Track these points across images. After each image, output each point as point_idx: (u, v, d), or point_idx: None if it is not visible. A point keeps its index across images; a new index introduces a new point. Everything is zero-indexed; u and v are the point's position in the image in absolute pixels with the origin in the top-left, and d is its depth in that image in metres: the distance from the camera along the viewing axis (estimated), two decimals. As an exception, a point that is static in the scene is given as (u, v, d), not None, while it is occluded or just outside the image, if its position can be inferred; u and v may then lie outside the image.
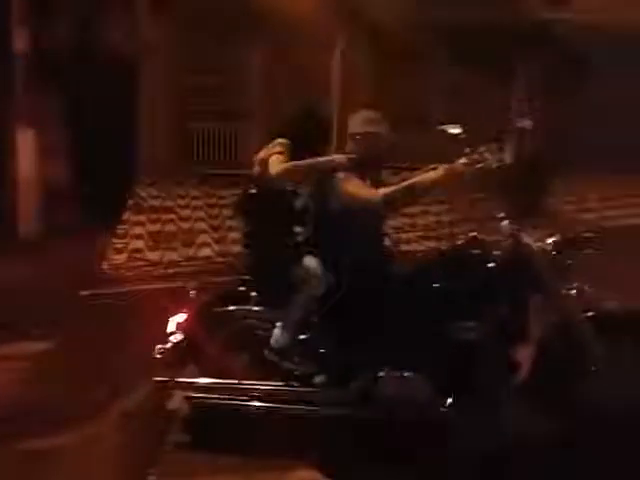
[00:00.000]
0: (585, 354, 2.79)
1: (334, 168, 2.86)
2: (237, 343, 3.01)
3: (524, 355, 2.84)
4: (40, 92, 6.71)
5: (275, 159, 2.90)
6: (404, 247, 6.03)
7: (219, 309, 3.05)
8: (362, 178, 2.90)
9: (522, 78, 10.63)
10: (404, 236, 6.76)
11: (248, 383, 2.93)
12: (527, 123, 2.98)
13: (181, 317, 3.05)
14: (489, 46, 9.29)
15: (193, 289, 3.17)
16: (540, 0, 9.27)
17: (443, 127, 2.84)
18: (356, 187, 2.82)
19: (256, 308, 3.02)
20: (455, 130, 2.81)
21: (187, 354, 3.01)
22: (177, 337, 3.01)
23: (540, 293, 2.78)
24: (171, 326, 3.05)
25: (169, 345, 3.00)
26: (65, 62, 7.68)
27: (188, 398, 2.97)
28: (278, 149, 2.93)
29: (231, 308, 3.04)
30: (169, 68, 9.04)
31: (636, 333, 2.86)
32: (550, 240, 2.79)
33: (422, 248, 6.33)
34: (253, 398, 2.91)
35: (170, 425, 3.02)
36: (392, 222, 4.19)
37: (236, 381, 2.94)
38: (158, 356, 3.00)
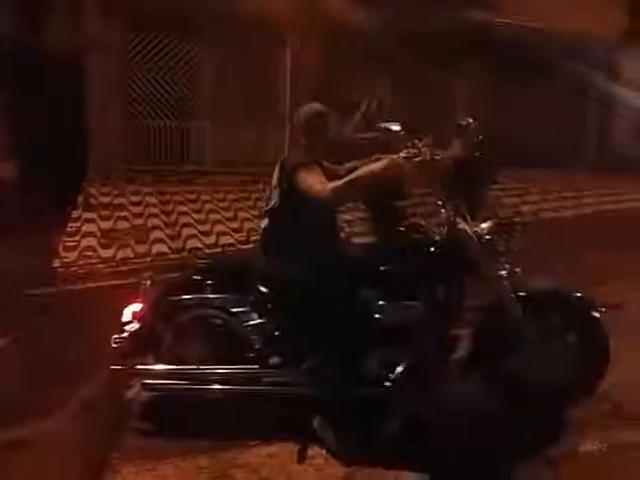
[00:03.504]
0: (516, 331, 3.03)
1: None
2: (192, 330, 3.11)
3: (461, 332, 3.07)
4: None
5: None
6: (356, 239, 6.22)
7: (174, 298, 3.12)
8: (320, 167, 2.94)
9: (465, 77, 11.07)
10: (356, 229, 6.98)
11: (204, 368, 3.02)
12: (468, 120, 3.18)
13: (137, 307, 3.13)
14: (434, 47, 9.62)
15: (148, 279, 3.26)
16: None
17: (384, 124, 3.03)
18: (311, 177, 2.82)
19: (210, 296, 3.12)
20: (395, 127, 3.00)
21: (143, 342, 3.09)
22: (133, 326, 3.09)
23: (474, 274, 2.99)
24: (127, 315, 3.12)
25: (125, 334, 3.07)
26: (10, 61, 7.54)
27: (146, 385, 3.05)
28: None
29: (185, 297, 3.12)
30: (120, 66, 8.97)
31: (563, 310, 3.14)
32: (484, 225, 3.00)
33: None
34: (210, 382, 3.01)
35: (129, 412, 3.11)
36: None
37: (193, 366, 3.03)
38: (115, 345, 3.06)
